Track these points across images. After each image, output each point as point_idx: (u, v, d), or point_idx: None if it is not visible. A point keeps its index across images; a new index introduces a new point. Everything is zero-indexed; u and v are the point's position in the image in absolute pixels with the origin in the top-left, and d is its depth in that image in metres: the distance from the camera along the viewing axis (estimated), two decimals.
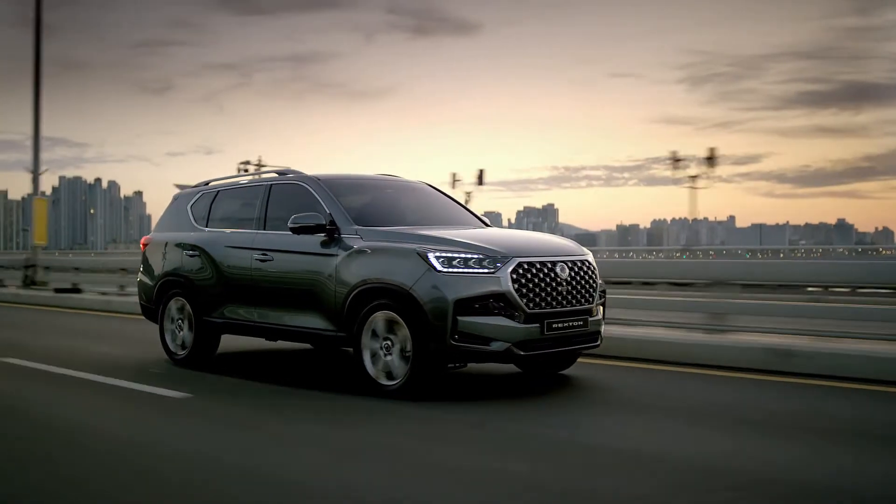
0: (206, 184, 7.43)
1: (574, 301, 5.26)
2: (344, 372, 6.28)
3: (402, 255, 5.17)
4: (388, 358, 5.18)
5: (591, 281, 5.43)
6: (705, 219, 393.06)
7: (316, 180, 6.13)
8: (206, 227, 6.95)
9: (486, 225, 6.58)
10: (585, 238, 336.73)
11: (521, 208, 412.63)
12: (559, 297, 5.16)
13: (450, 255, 5.03)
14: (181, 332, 6.93)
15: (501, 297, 4.93)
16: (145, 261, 7.55)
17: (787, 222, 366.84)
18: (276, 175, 6.58)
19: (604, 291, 5.79)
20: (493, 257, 5.03)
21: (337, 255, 5.55)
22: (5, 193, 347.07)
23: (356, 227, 5.60)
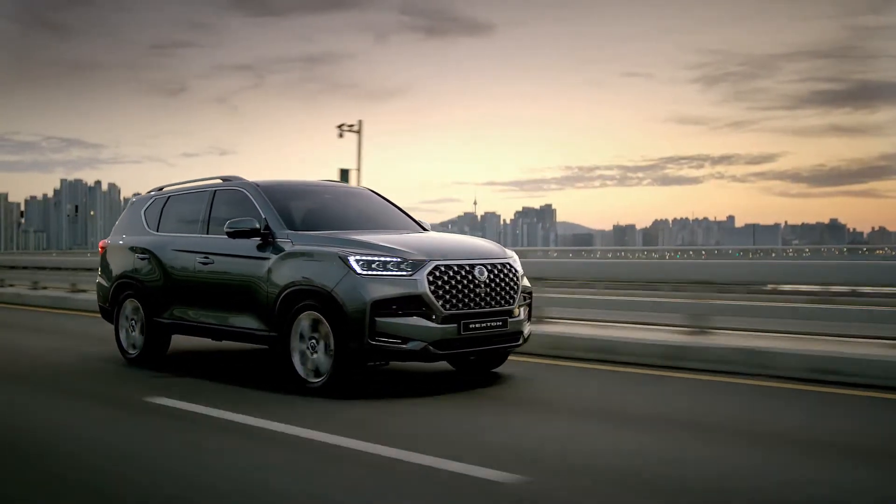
0: (160, 189, 7.66)
1: (493, 302, 5.46)
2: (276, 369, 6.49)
3: (326, 258, 5.40)
4: (314, 356, 5.40)
5: (511, 283, 5.62)
6: (706, 219, 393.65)
7: (254, 186, 6.35)
8: (157, 230, 7.18)
9: (424, 229, 6.78)
10: (583, 238, 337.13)
11: (520, 208, 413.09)
12: (477, 299, 5.36)
13: (369, 258, 5.25)
14: (134, 333, 7.16)
15: (418, 298, 5.14)
16: (103, 263, 7.78)
17: (786, 222, 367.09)
18: (221, 181, 6.80)
19: (529, 293, 6.00)
20: (410, 261, 5.24)
21: (269, 259, 5.77)
22: (6, 195, 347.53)
23: (288, 231, 5.82)
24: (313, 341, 5.39)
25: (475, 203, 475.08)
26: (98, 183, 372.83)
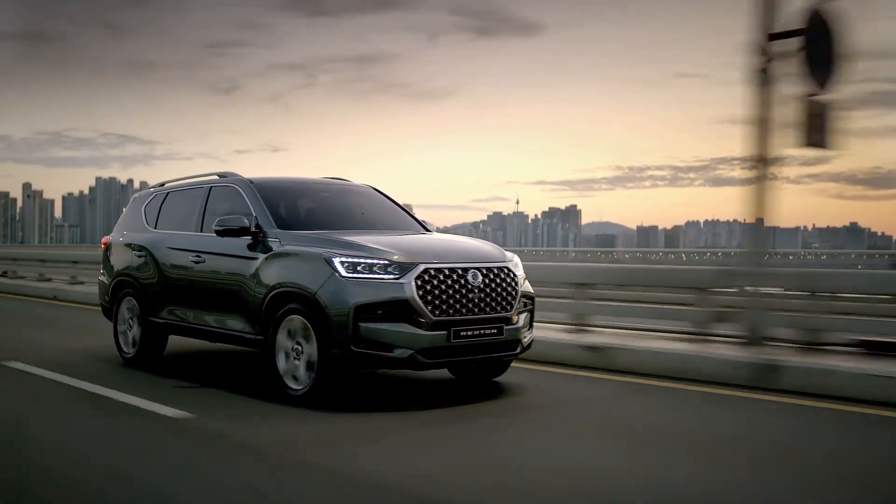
0: (162, 185, 7.52)
1: (487, 309, 5.17)
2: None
3: (311, 259, 5.17)
4: (297, 362, 5.17)
5: (508, 288, 5.33)
6: (735, 220, 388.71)
7: (248, 183, 6.15)
8: (155, 227, 7.03)
9: (426, 230, 6.53)
10: (604, 239, 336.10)
11: (547, 208, 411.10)
12: (469, 305, 5.08)
13: (354, 260, 5.00)
14: (131, 332, 7.01)
15: (404, 303, 4.87)
16: (104, 260, 7.66)
17: (814, 224, 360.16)
18: (217, 177, 6.63)
19: (531, 299, 5.70)
20: (398, 263, 4.98)
21: (258, 259, 5.56)
22: (41, 193, 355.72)
23: (277, 230, 5.61)
24: (298, 346, 5.16)
25: (517, 202, 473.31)
26: (130, 181, 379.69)
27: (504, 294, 5.29)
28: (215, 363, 7.10)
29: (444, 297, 4.98)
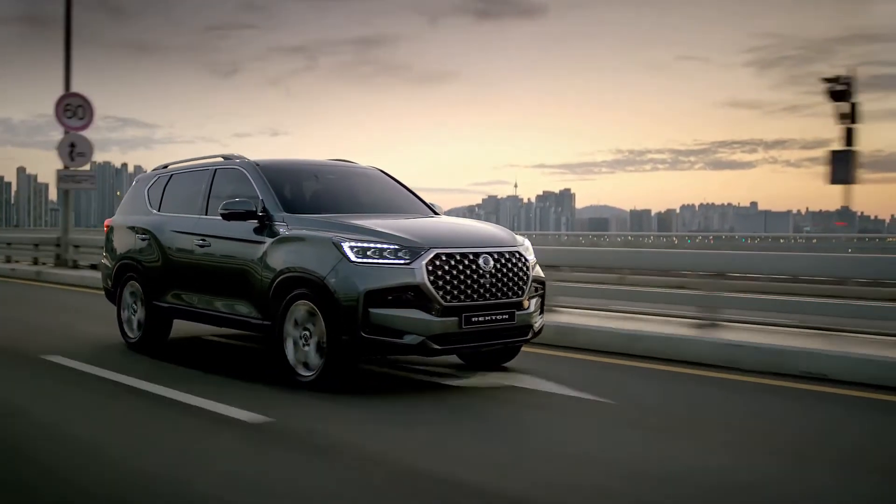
0: (165, 167, 7.42)
1: (499, 294, 5.11)
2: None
3: (320, 244, 5.09)
4: (306, 348, 5.11)
5: (520, 273, 5.27)
6: (729, 204, 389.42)
7: (254, 166, 6.07)
8: (159, 210, 6.94)
9: (435, 213, 6.46)
10: (598, 223, 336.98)
11: (541, 192, 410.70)
12: (481, 290, 5.02)
13: (364, 245, 4.93)
14: (135, 316, 6.95)
15: (415, 288, 4.81)
16: (107, 243, 7.58)
17: (807, 208, 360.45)
18: (222, 159, 6.54)
19: (542, 283, 5.65)
20: (409, 248, 4.91)
21: (265, 243, 5.49)
22: (35, 176, 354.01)
23: (284, 214, 5.53)
24: (307, 332, 5.10)
25: (515, 186, 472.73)
26: (125, 165, 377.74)
27: (516, 279, 5.23)
28: (221, 348, 7.05)
29: (455, 282, 4.91)
